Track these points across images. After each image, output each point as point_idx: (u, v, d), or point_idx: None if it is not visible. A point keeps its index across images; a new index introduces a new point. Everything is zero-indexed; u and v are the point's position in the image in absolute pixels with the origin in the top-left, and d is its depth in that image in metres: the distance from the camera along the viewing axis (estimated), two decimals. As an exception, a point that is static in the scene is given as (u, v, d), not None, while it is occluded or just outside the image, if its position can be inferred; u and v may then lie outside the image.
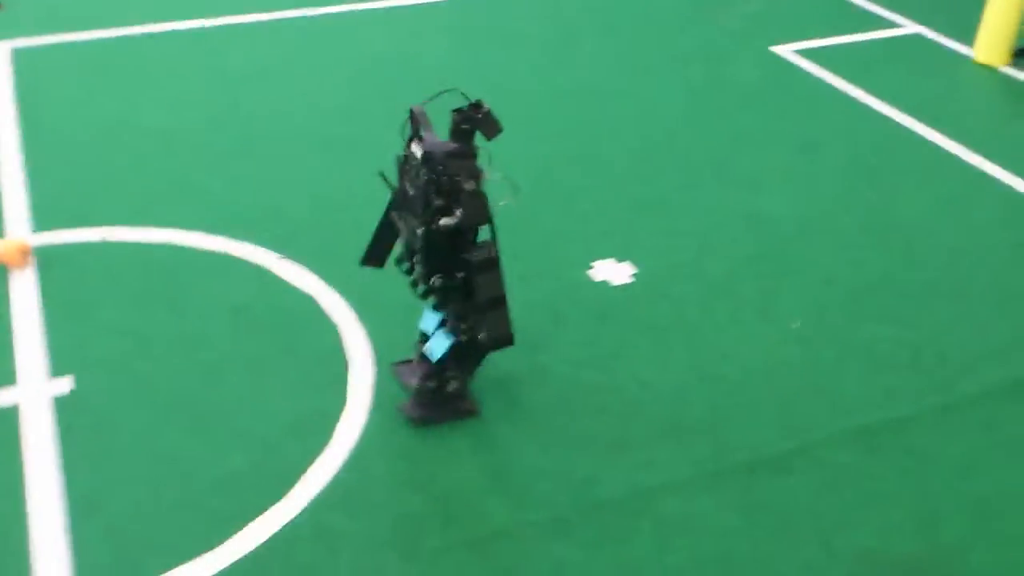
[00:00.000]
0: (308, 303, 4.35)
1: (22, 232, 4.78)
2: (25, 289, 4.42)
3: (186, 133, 5.69)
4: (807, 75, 6.48)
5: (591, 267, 4.61)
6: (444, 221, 3.44)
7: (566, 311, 4.35)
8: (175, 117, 5.86)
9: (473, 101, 3.42)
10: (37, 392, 3.87)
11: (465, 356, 3.72)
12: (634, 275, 4.56)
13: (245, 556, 3.26)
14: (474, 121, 3.41)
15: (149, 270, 4.56)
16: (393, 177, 3.64)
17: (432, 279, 3.57)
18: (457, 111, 3.42)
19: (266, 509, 3.41)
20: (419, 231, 3.48)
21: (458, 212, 3.43)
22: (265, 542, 3.31)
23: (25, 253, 4.54)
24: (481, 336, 3.58)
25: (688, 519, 3.42)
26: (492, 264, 3.53)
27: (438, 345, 3.70)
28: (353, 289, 4.39)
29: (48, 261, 4.59)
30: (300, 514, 3.40)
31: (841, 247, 4.80)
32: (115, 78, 6.33)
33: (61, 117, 5.84)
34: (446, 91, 3.43)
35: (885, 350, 4.16)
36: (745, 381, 4.00)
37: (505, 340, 3.60)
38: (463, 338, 3.66)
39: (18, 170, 5.29)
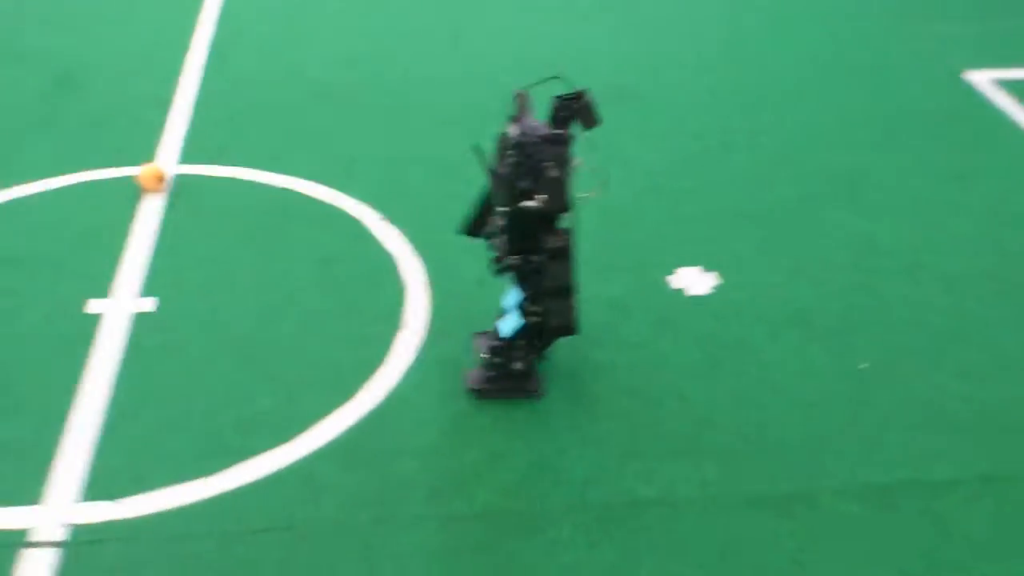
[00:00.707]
0: (388, 264, 4.52)
1: (168, 160, 5.23)
2: (151, 212, 4.85)
3: (344, 88, 6.02)
4: (993, 106, 5.96)
5: (673, 272, 4.51)
6: (527, 204, 3.50)
7: (631, 311, 4.28)
8: (340, 71, 6.21)
9: (575, 90, 3.46)
10: (123, 306, 4.26)
11: (532, 338, 3.79)
12: (715, 287, 4.42)
13: (234, 489, 3.48)
14: (572, 110, 3.46)
15: (262, 212, 4.88)
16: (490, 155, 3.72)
17: (510, 258, 3.65)
18: (558, 98, 3.47)
19: (270, 449, 3.62)
20: (504, 210, 3.57)
21: (540, 197, 3.47)
22: (256, 480, 3.51)
23: (160, 179, 4.97)
24: (545, 322, 3.64)
25: (664, 539, 3.32)
26: (563, 252, 3.58)
27: (508, 324, 3.78)
28: (435, 258, 4.54)
29: (180, 190, 5.02)
30: (298, 460, 3.59)
31: (950, 291, 4.44)
32: (303, 27, 6.77)
33: (243, 60, 6.32)
34: (553, 77, 3.49)
35: (951, 407, 3.83)
36: (785, 413, 3.81)
37: (566, 330, 3.70)
38: (531, 320, 3.72)
39: (189, 104, 5.78)
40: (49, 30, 6.64)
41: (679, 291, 4.41)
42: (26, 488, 3.46)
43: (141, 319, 4.20)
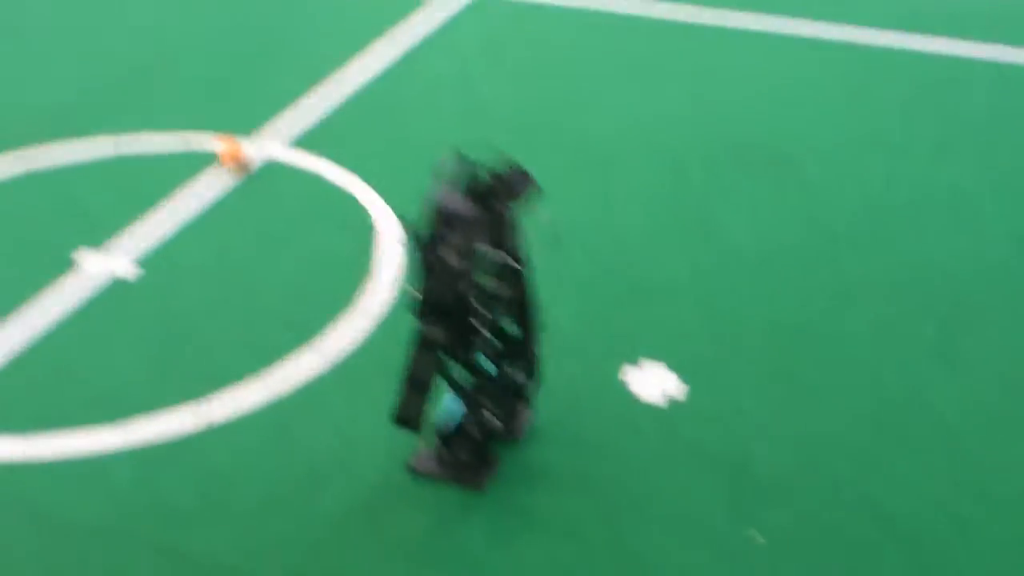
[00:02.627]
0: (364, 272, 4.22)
1: (273, 144, 5.29)
2: (210, 188, 4.92)
3: (508, 120, 5.60)
4: None
5: (636, 363, 3.70)
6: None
7: (559, 406, 3.55)
8: (514, 104, 5.82)
9: (509, 166, 2.97)
10: (109, 268, 4.36)
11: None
12: (668, 395, 3.56)
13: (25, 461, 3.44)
14: (492, 187, 2.94)
15: (308, 206, 4.78)
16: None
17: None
18: (487, 172, 2.96)
19: (95, 426, 3.52)
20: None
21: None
22: (54, 459, 3.43)
23: (236, 159, 5.03)
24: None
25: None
26: (425, 344, 3.04)
27: (444, 409, 3.36)
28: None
29: (261, 174, 5.05)
30: (98, 453, 3.43)
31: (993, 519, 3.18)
32: (513, 57, 6.51)
33: (429, 67, 6.20)
34: (495, 149, 3.02)
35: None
36: None
37: (405, 424, 3.11)
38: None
39: (344, 94, 5.80)
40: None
41: (622, 385, 3.62)
42: None
43: (114, 284, 4.27)
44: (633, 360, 3.72)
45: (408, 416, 3.08)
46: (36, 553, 3.10)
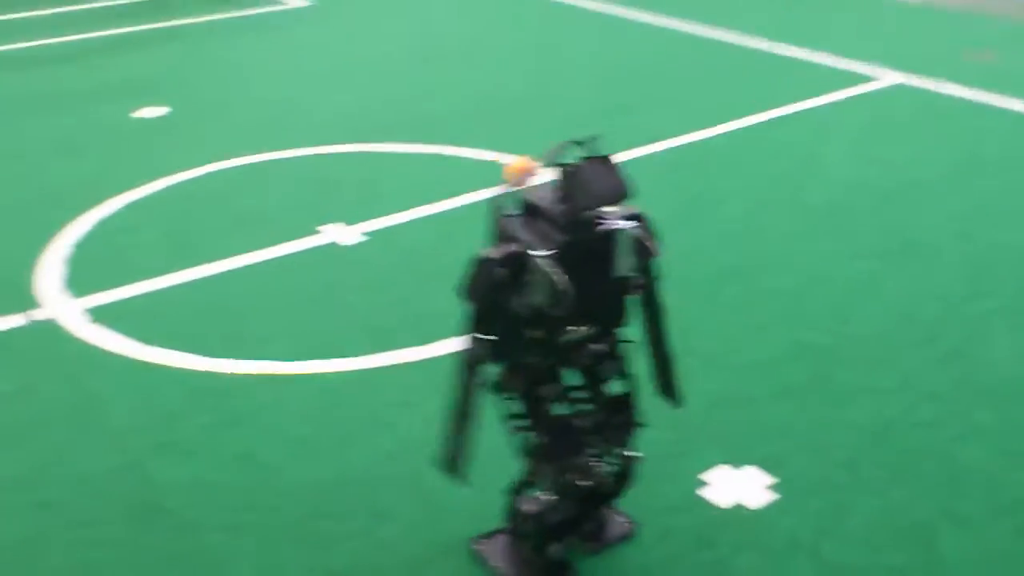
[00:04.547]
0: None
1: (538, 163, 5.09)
2: (475, 193, 4.91)
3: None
4: None
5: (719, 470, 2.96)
6: None
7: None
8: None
9: (589, 157, 2.38)
10: (339, 235, 4.54)
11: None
12: (740, 504, 2.79)
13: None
14: (572, 179, 2.37)
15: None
16: None
17: None
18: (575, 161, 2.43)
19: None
20: None
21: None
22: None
23: (519, 173, 4.90)
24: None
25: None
26: (466, 358, 2.42)
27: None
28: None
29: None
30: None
31: None
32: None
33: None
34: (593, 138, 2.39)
35: None
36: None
37: (443, 465, 2.53)
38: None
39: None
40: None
41: (700, 487, 2.89)
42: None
43: (329, 245, 4.44)
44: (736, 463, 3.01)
45: (446, 454, 2.48)
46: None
